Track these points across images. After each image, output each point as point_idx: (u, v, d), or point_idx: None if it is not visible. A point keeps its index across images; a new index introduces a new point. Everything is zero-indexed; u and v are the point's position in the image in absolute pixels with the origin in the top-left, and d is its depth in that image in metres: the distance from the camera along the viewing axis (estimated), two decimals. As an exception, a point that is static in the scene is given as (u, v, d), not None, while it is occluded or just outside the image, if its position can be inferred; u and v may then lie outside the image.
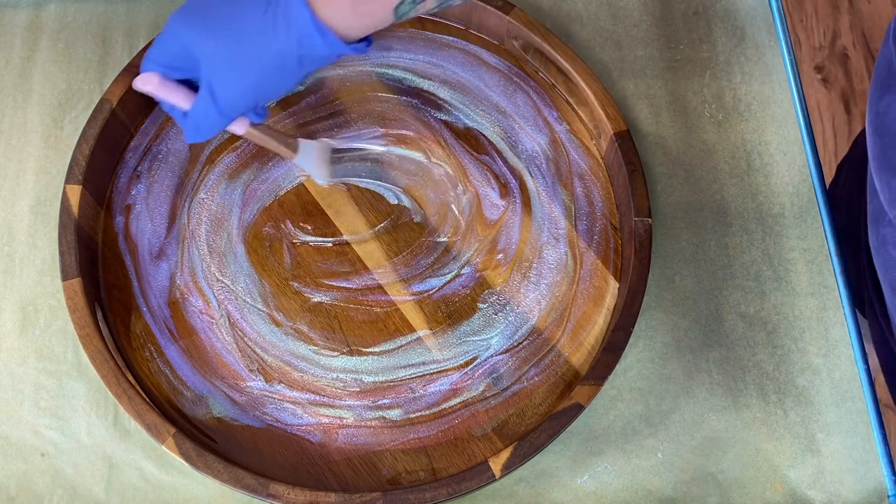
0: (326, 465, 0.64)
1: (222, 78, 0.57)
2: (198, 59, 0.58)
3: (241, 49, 0.56)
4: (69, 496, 0.63)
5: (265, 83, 0.57)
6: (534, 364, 0.67)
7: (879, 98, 0.59)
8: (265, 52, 0.56)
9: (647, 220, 0.67)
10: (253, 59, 0.56)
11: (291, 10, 0.54)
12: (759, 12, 0.79)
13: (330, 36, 0.54)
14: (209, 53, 0.57)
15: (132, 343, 0.67)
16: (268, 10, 0.55)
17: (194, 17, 0.57)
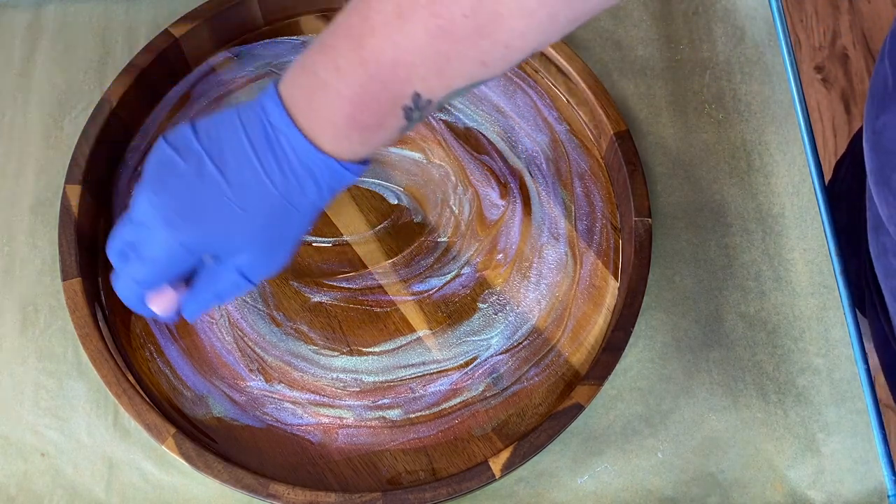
0: (326, 465, 0.64)
1: (261, 260, 0.52)
2: (214, 252, 0.52)
3: (274, 226, 0.50)
4: (69, 496, 0.63)
5: (299, 239, 0.53)
6: (534, 364, 0.67)
7: (876, 117, 0.59)
8: (300, 214, 0.51)
9: (647, 220, 0.67)
10: (290, 228, 0.51)
11: (312, 166, 0.49)
12: (759, 12, 0.79)
13: (351, 167, 0.50)
14: (241, 246, 0.51)
15: (132, 343, 0.67)
16: (285, 177, 0.49)
17: (202, 222, 0.50)
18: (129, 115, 0.72)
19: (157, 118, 0.74)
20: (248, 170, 0.49)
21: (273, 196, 0.49)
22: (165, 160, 0.50)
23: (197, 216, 0.50)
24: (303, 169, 0.49)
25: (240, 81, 0.75)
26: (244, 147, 0.49)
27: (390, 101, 0.47)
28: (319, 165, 0.49)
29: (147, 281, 0.52)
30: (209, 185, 0.49)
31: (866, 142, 0.61)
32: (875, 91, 0.60)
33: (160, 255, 0.51)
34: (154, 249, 0.51)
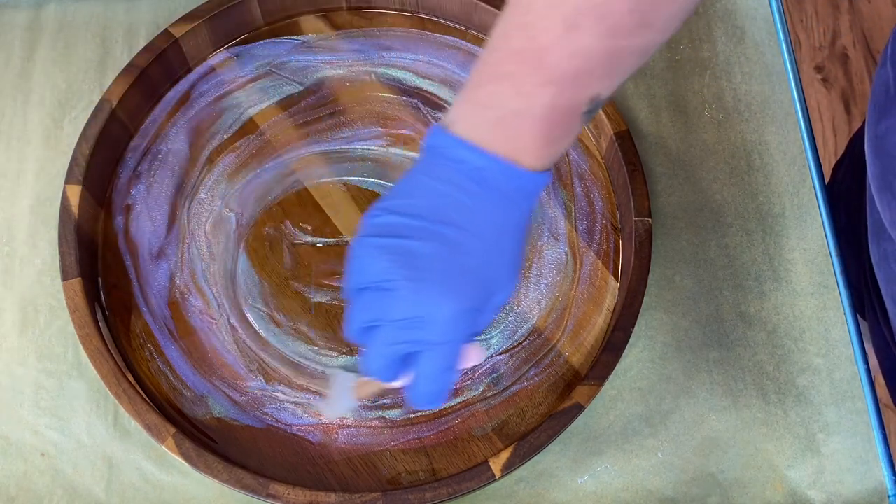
0: (326, 465, 0.64)
1: (514, 286, 0.51)
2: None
3: (517, 251, 0.51)
4: (69, 496, 0.63)
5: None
6: (534, 364, 0.67)
7: (878, 122, 0.59)
8: (525, 231, 0.51)
9: (647, 220, 0.67)
10: (524, 248, 0.52)
11: (529, 187, 0.49)
12: (759, 12, 0.79)
13: (549, 174, 0.51)
14: (502, 285, 0.50)
15: (132, 343, 0.67)
16: (512, 208, 0.49)
17: (473, 282, 0.49)
18: (129, 115, 0.72)
19: (157, 118, 0.74)
20: (474, 214, 0.49)
21: (506, 226, 0.50)
22: (392, 248, 0.48)
23: (466, 278, 0.49)
24: (518, 193, 0.50)
25: (240, 81, 0.75)
26: (459, 198, 0.49)
27: (575, 109, 0.48)
28: (529, 184, 0.50)
29: (455, 362, 0.50)
30: (455, 245, 0.49)
31: (868, 147, 0.61)
32: (877, 96, 0.60)
33: (456, 331, 0.49)
34: (449, 331, 0.49)
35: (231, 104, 0.74)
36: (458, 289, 0.48)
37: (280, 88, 0.75)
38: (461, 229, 0.49)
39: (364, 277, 0.49)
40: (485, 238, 0.49)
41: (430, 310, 0.48)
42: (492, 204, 0.49)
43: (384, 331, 0.49)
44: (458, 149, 0.49)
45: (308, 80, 0.75)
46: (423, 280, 0.48)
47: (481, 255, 0.49)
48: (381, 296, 0.49)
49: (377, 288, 0.49)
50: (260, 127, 0.73)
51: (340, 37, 0.77)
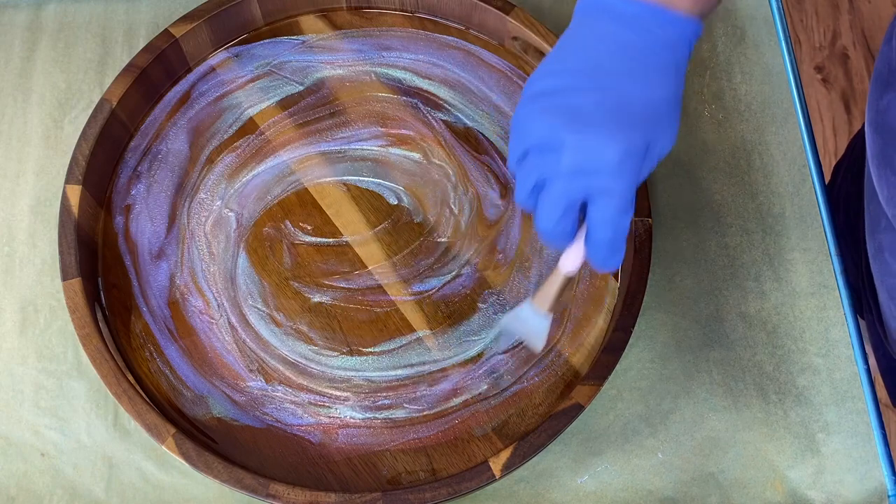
0: (326, 465, 0.64)
1: (675, 130, 0.52)
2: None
3: (677, 96, 0.51)
4: (69, 496, 0.63)
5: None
6: (534, 364, 0.67)
7: (879, 97, 0.59)
8: (682, 77, 0.52)
9: (647, 220, 0.67)
10: (681, 94, 0.52)
11: (686, 31, 0.51)
12: (759, 12, 0.79)
13: (701, 22, 0.52)
14: (665, 128, 0.51)
15: (132, 343, 0.67)
16: (671, 52, 0.50)
17: (640, 120, 0.50)
18: (129, 115, 0.72)
19: (157, 118, 0.74)
20: (630, 59, 0.50)
21: (667, 71, 0.51)
22: (556, 107, 0.50)
23: (631, 121, 0.49)
24: (674, 38, 0.50)
25: (240, 81, 0.75)
26: (610, 46, 0.50)
27: None
28: (684, 29, 0.51)
29: (630, 204, 0.50)
30: (616, 92, 0.49)
31: (869, 125, 0.61)
32: (879, 72, 0.60)
33: (628, 173, 0.49)
34: (621, 173, 0.49)
35: (231, 104, 0.74)
36: (623, 130, 0.49)
37: (280, 88, 0.75)
38: (618, 76, 0.50)
39: (528, 140, 0.50)
40: (643, 82, 0.50)
41: (598, 155, 0.49)
42: (649, 50, 0.50)
43: (553, 185, 0.50)
44: (620, 4, 0.50)
45: (308, 80, 0.75)
46: (587, 127, 0.49)
47: (641, 98, 0.50)
48: (546, 155, 0.50)
49: (542, 148, 0.50)
50: (260, 127, 0.73)
51: (340, 37, 0.77)
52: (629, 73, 0.50)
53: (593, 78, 0.50)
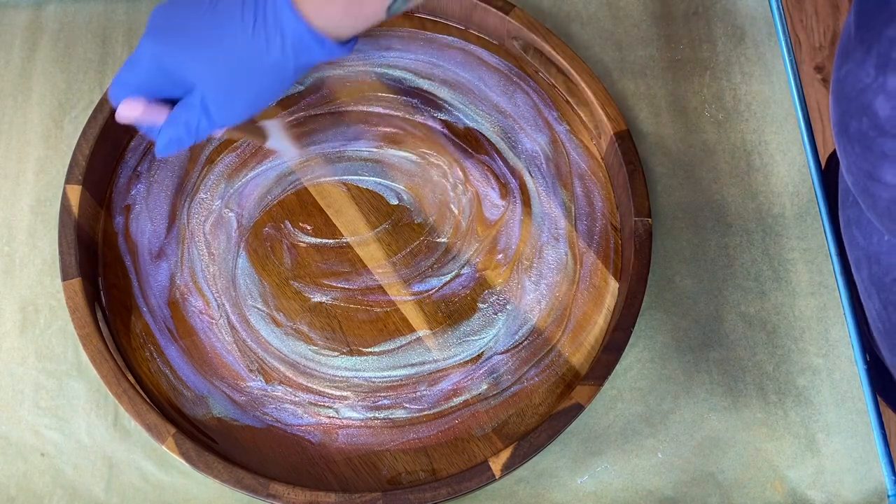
0: (326, 465, 0.64)
1: (219, 98, 0.55)
2: (184, 79, 0.55)
3: (236, 69, 0.54)
4: (69, 496, 0.63)
5: (262, 96, 0.55)
6: (534, 364, 0.67)
7: (839, 66, 0.59)
8: (261, 68, 0.54)
9: (647, 220, 0.67)
10: (251, 78, 0.54)
11: (284, 25, 0.52)
12: (759, 12, 0.79)
13: (326, 42, 0.52)
14: (202, 76, 0.54)
15: (132, 343, 0.67)
16: (256, 27, 0.52)
17: (177, 40, 0.53)
18: (129, 115, 0.72)
19: (157, 118, 0.73)
20: (231, 7, 0.52)
21: (243, 40, 0.52)
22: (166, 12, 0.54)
23: (175, 35, 0.53)
24: (275, 23, 0.51)
25: (240, 81, 0.75)
26: (236, 14, 0.52)
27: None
28: (291, 25, 0.51)
29: (126, 83, 0.55)
30: (194, 13, 0.53)
31: (832, 94, 0.62)
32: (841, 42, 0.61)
33: (139, 58, 0.54)
34: (136, 55, 0.54)
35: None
36: (163, 33, 0.53)
37: (280, 88, 0.75)
38: (214, 12, 0.52)
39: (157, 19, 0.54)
40: (220, 29, 0.52)
41: (140, 44, 0.54)
42: (250, 13, 0.51)
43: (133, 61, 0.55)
44: None
45: (308, 80, 0.75)
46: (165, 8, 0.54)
47: (205, 37, 0.52)
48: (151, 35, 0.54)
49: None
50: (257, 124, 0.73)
51: (340, 37, 0.77)
52: (217, 19, 0.52)
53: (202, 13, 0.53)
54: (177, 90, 0.55)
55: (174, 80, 0.55)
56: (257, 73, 0.54)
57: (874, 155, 0.55)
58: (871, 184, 0.56)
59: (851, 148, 0.57)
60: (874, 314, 0.66)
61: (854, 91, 0.55)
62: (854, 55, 0.56)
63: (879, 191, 0.55)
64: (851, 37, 0.57)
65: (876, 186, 0.56)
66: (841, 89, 0.58)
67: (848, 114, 0.57)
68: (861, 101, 0.54)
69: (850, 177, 0.59)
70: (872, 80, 0.53)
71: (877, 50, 0.53)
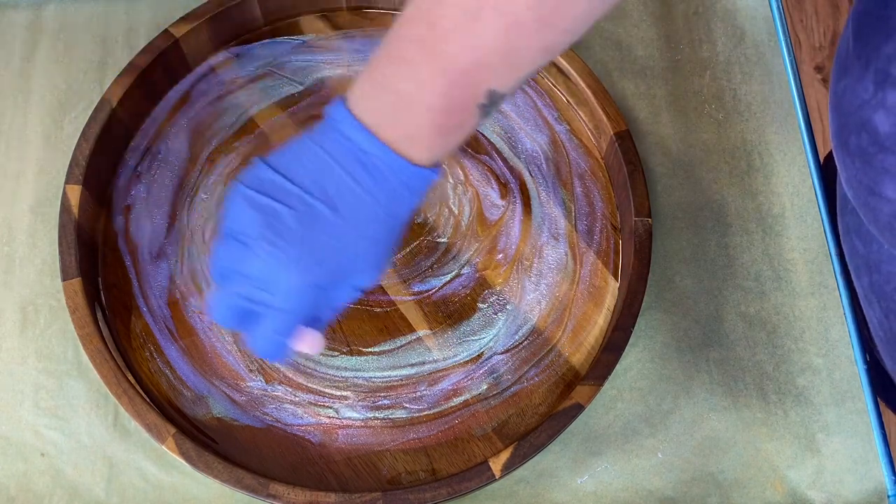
0: (326, 465, 0.64)
1: (376, 273, 0.53)
2: (335, 280, 0.52)
3: (386, 242, 0.52)
4: (69, 496, 0.63)
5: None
6: (534, 364, 0.67)
7: (838, 80, 0.59)
8: (400, 224, 0.52)
9: (647, 220, 0.67)
10: (395, 240, 0.53)
11: (410, 179, 0.50)
12: (759, 12, 0.79)
13: (437, 170, 0.52)
14: (361, 269, 0.52)
15: (132, 343, 0.67)
16: (389, 196, 0.50)
17: (327, 256, 0.50)
18: (129, 115, 0.72)
19: (157, 118, 0.74)
20: (352, 197, 0.50)
21: (380, 216, 0.51)
22: (263, 206, 0.50)
23: (322, 256, 0.50)
24: (398, 182, 0.50)
25: (240, 81, 0.75)
26: (342, 177, 0.50)
27: (470, 102, 0.48)
28: (412, 176, 0.50)
29: (288, 329, 0.52)
30: (323, 222, 0.50)
31: (830, 106, 0.62)
32: (839, 55, 0.61)
33: (296, 301, 0.51)
34: (289, 300, 0.51)
35: (231, 104, 0.74)
36: (309, 264, 0.50)
37: (280, 88, 0.75)
38: (333, 209, 0.50)
39: (230, 224, 0.51)
40: (354, 223, 0.50)
41: (278, 276, 0.50)
42: (372, 191, 0.50)
43: (235, 282, 0.51)
44: (351, 127, 0.49)
45: (308, 80, 0.75)
46: (278, 246, 0.49)
47: (345, 238, 0.50)
48: (240, 247, 0.50)
49: (235, 237, 0.51)
50: (260, 127, 0.73)
51: (340, 37, 0.77)
52: (342, 210, 0.50)
53: (309, 196, 0.50)
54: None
55: (325, 289, 0.52)
56: (398, 229, 0.53)
57: (874, 170, 0.54)
58: (872, 198, 0.56)
59: (851, 162, 0.57)
60: (875, 322, 0.66)
61: (852, 106, 0.55)
62: (852, 70, 0.56)
63: (881, 205, 0.55)
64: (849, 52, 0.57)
65: (877, 201, 0.55)
66: (839, 104, 0.58)
67: (846, 128, 0.57)
68: (860, 117, 0.54)
69: (850, 190, 0.60)
70: (871, 97, 0.53)
71: (875, 66, 0.53)
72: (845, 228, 0.67)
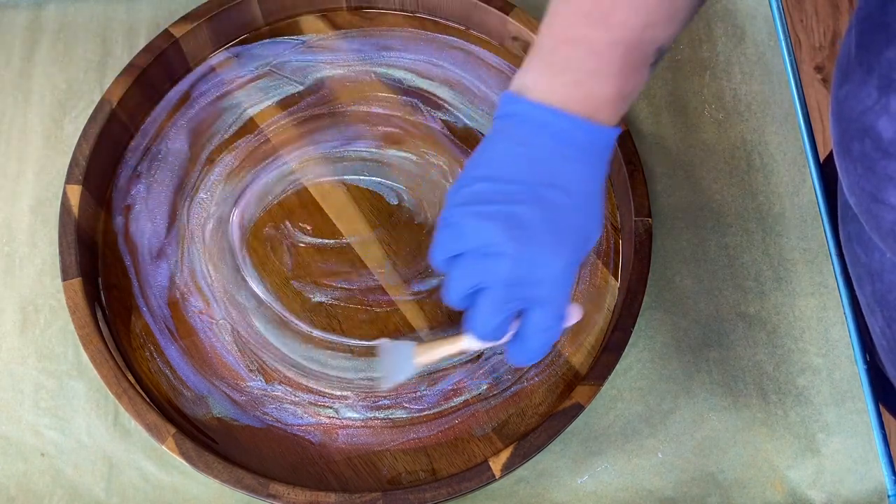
0: (326, 465, 0.64)
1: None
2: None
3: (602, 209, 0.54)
4: (69, 496, 0.63)
5: None
6: (534, 364, 0.67)
7: (839, 86, 0.59)
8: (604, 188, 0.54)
9: (647, 220, 0.67)
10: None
11: (607, 144, 0.53)
12: (759, 12, 0.79)
13: (620, 129, 0.54)
14: (594, 239, 0.54)
15: (132, 343, 0.67)
16: (597, 166, 0.52)
17: (577, 237, 0.52)
18: (129, 115, 0.72)
19: (157, 118, 0.74)
20: (568, 172, 0.52)
21: (595, 177, 0.53)
22: (496, 214, 0.50)
23: (570, 234, 0.52)
24: (599, 148, 0.53)
25: (240, 81, 0.75)
26: (552, 159, 0.51)
27: (644, 62, 0.52)
28: (606, 137, 0.53)
29: (563, 315, 0.53)
30: (556, 205, 0.51)
31: (831, 113, 0.62)
32: (840, 61, 0.61)
33: (564, 285, 0.52)
34: (557, 286, 0.52)
35: (231, 104, 0.74)
36: (565, 245, 0.51)
37: (280, 88, 0.75)
38: (557, 188, 0.51)
39: (463, 244, 0.51)
40: (578, 194, 0.52)
41: (540, 268, 0.50)
42: (579, 162, 0.52)
43: (493, 293, 0.51)
44: (540, 113, 0.51)
45: (308, 80, 0.75)
46: (531, 241, 0.50)
47: (577, 209, 0.52)
48: (484, 260, 0.51)
49: (479, 253, 0.51)
50: (260, 127, 0.73)
51: (340, 37, 0.77)
52: (565, 187, 0.51)
53: (534, 187, 0.51)
54: None
55: None
56: (604, 187, 0.54)
57: (877, 177, 0.54)
58: (875, 205, 0.56)
59: (854, 168, 0.57)
60: (877, 331, 0.66)
61: (855, 112, 0.55)
62: (854, 76, 0.56)
63: (884, 212, 0.55)
64: (851, 57, 0.57)
65: (880, 208, 0.55)
66: (841, 110, 0.58)
67: (849, 134, 0.57)
68: (863, 123, 0.54)
69: (852, 197, 0.59)
70: (875, 102, 0.53)
71: (878, 71, 0.53)
72: (847, 237, 0.67)
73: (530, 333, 0.53)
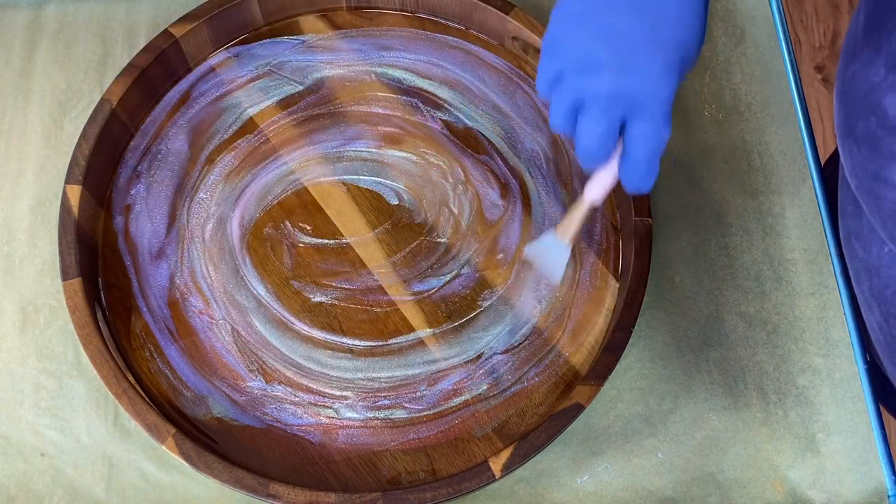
0: (326, 465, 0.64)
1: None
2: None
3: None
4: (69, 496, 0.63)
5: None
6: (534, 364, 0.67)
7: (846, 68, 0.60)
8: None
9: (647, 220, 0.67)
10: None
11: None
12: (759, 12, 0.79)
13: None
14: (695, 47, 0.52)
15: (132, 343, 0.67)
16: None
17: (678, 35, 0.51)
18: (129, 115, 0.72)
19: (157, 118, 0.74)
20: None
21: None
22: (599, 25, 0.50)
23: (674, 45, 0.50)
24: None
25: (240, 81, 0.75)
26: None
27: None
28: None
29: (669, 119, 0.52)
30: (661, 17, 0.50)
31: (836, 96, 0.62)
32: (847, 44, 0.61)
33: (669, 82, 0.51)
34: (659, 84, 0.50)
35: (231, 104, 0.74)
36: (663, 53, 0.50)
37: (280, 88, 0.75)
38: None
39: (564, 61, 0.51)
40: (677, 4, 0.50)
41: (638, 76, 0.50)
42: None
43: (594, 105, 0.50)
44: None
45: (308, 80, 0.75)
46: (629, 50, 0.49)
47: (678, 20, 0.50)
48: (584, 76, 0.50)
49: (579, 69, 0.50)
50: (260, 127, 0.73)
51: (340, 37, 0.77)
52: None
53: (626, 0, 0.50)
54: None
55: None
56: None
57: (882, 155, 0.54)
58: (878, 185, 0.56)
59: (857, 149, 0.57)
60: (875, 326, 0.66)
61: (862, 91, 0.55)
62: (861, 56, 0.56)
63: (886, 191, 0.55)
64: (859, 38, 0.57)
65: (882, 187, 0.55)
66: (847, 90, 0.58)
67: (855, 114, 0.57)
68: (869, 101, 0.54)
69: (854, 179, 0.60)
70: (882, 80, 0.53)
71: (887, 50, 0.53)
72: (846, 233, 0.67)
73: (634, 145, 0.51)
